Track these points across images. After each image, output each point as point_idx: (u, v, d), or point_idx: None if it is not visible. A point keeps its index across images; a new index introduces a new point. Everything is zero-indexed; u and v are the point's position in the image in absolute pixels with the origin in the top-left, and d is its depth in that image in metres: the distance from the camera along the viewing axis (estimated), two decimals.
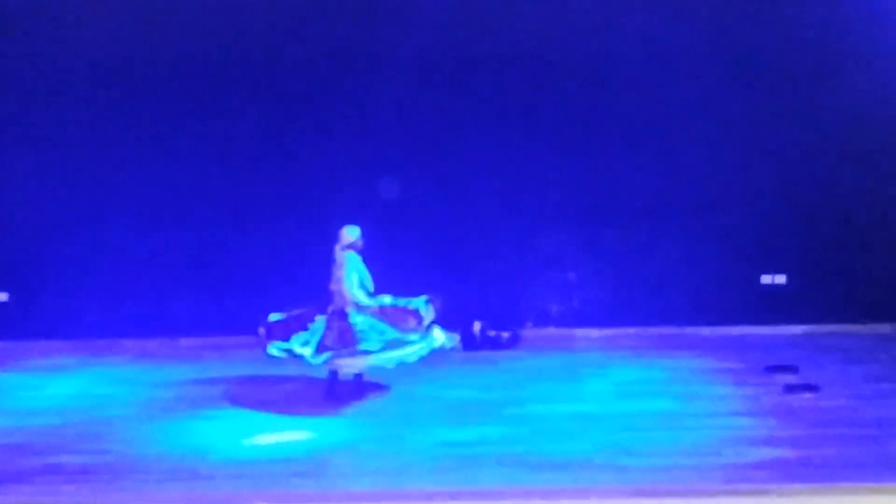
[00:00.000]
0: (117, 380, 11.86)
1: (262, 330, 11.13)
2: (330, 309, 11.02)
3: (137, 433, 10.32)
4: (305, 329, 10.98)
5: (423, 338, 11.06)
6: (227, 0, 12.42)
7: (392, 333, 10.95)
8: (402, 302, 11.16)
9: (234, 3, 12.39)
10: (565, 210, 13.10)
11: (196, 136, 12.80)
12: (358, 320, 10.94)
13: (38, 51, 12.58)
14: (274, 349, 11.03)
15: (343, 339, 10.89)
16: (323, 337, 10.92)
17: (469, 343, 12.68)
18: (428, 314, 11.14)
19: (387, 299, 11.15)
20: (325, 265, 11.62)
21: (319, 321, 11.00)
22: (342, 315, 10.96)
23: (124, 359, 12.53)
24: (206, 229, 12.97)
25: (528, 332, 13.17)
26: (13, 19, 12.56)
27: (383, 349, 10.89)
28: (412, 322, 11.05)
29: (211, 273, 13.00)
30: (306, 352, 10.89)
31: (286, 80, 12.75)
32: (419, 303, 11.17)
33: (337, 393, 11.10)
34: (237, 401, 11.10)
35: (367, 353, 10.88)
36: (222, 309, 12.94)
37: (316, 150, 12.86)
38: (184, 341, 12.92)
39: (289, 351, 10.95)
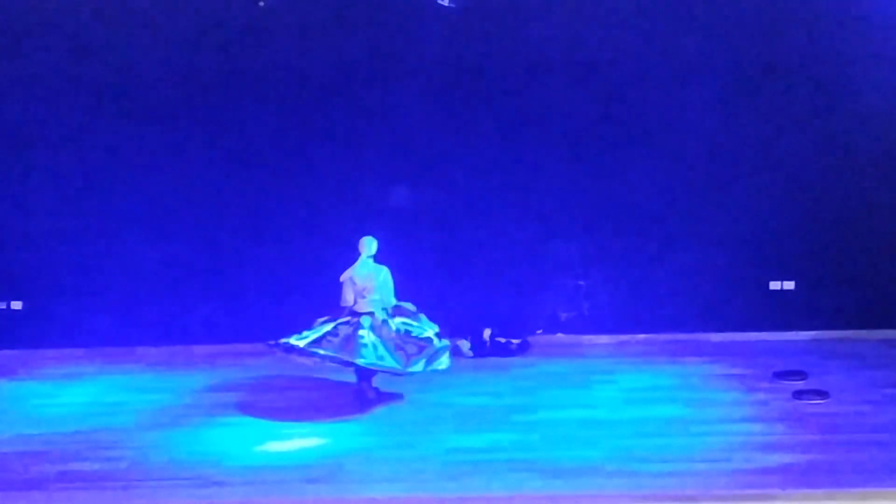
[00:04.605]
0: (131, 387, 11.90)
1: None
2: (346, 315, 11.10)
3: (151, 440, 10.37)
4: (360, 344, 10.92)
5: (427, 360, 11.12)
6: (241, 12, 12.46)
7: (390, 362, 10.91)
8: (415, 328, 11.23)
9: (249, 15, 12.43)
10: (575, 217, 13.12)
11: (210, 146, 12.85)
12: (365, 334, 10.94)
13: (52, 62, 12.64)
14: (361, 362, 10.88)
15: (345, 345, 10.90)
16: (327, 333, 10.93)
17: (479, 350, 12.72)
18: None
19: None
20: (336, 273, 11.70)
21: (366, 335, 10.93)
22: (387, 329, 11.04)
23: (138, 366, 12.56)
24: (220, 237, 13.01)
25: (538, 339, 13.21)
26: (27, 30, 12.63)
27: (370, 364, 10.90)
28: (412, 349, 11.08)
29: (224, 281, 13.04)
30: (392, 363, 10.86)
31: (300, 89, 12.79)
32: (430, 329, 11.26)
33: (365, 397, 11.18)
34: (251, 408, 11.15)
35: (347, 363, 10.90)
36: (236, 317, 12.98)
37: (329, 159, 12.90)
38: (197, 349, 12.94)
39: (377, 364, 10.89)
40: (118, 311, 13.01)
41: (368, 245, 11.23)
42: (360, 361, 10.80)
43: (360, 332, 10.88)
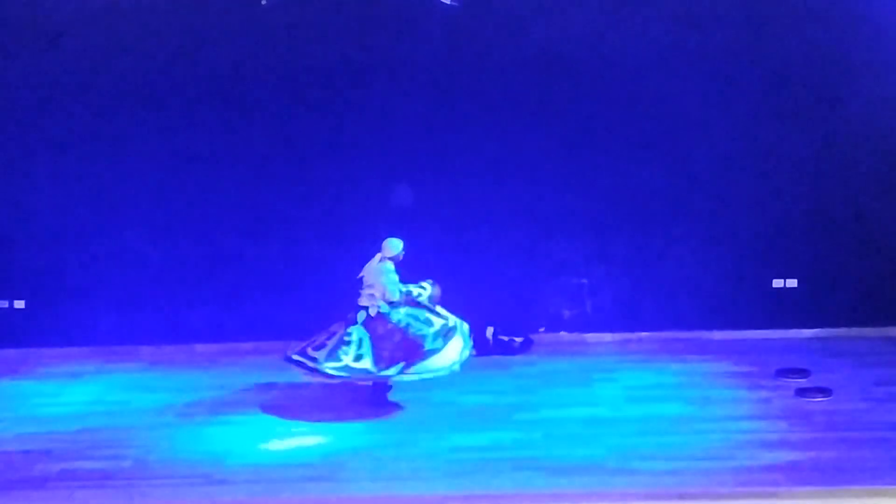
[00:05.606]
0: (133, 386, 11.90)
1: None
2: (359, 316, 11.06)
3: (154, 439, 10.38)
4: (341, 341, 10.87)
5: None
6: (242, 11, 12.46)
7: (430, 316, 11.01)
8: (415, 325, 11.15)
9: (250, 15, 12.43)
10: (577, 215, 13.10)
11: (211, 145, 12.84)
12: (398, 317, 10.94)
13: (56, 62, 12.64)
14: (328, 368, 10.79)
15: (405, 348, 10.86)
16: (377, 347, 10.85)
17: (482, 348, 12.70)
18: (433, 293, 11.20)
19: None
20: (338, 272, 11.71)
21: (355, 331, 10.91)
22: (384, 322, 10.96)
23: (140, 365, 12.55)
24: (222, 236, 12.99)
25: (541, 337, 13.19)
26: (27, 31, 12.63)
27: (443, 340, 10.91)
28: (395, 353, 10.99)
29: (226, 280, 13.03)
30: (367, 364, 10.78)
31: (301, 88, 12.79)
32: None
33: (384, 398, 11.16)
34: (253, 406, 11.14)
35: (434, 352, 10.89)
36: (237, 315, 12.97)
37: (330, 159, 12.89)
38: (199, 347, 12.93)
39: (347, 368, 10.77)
40: (120, 309, 13.01)
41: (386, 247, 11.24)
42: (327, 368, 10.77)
43: (350, 328, 10.89)
